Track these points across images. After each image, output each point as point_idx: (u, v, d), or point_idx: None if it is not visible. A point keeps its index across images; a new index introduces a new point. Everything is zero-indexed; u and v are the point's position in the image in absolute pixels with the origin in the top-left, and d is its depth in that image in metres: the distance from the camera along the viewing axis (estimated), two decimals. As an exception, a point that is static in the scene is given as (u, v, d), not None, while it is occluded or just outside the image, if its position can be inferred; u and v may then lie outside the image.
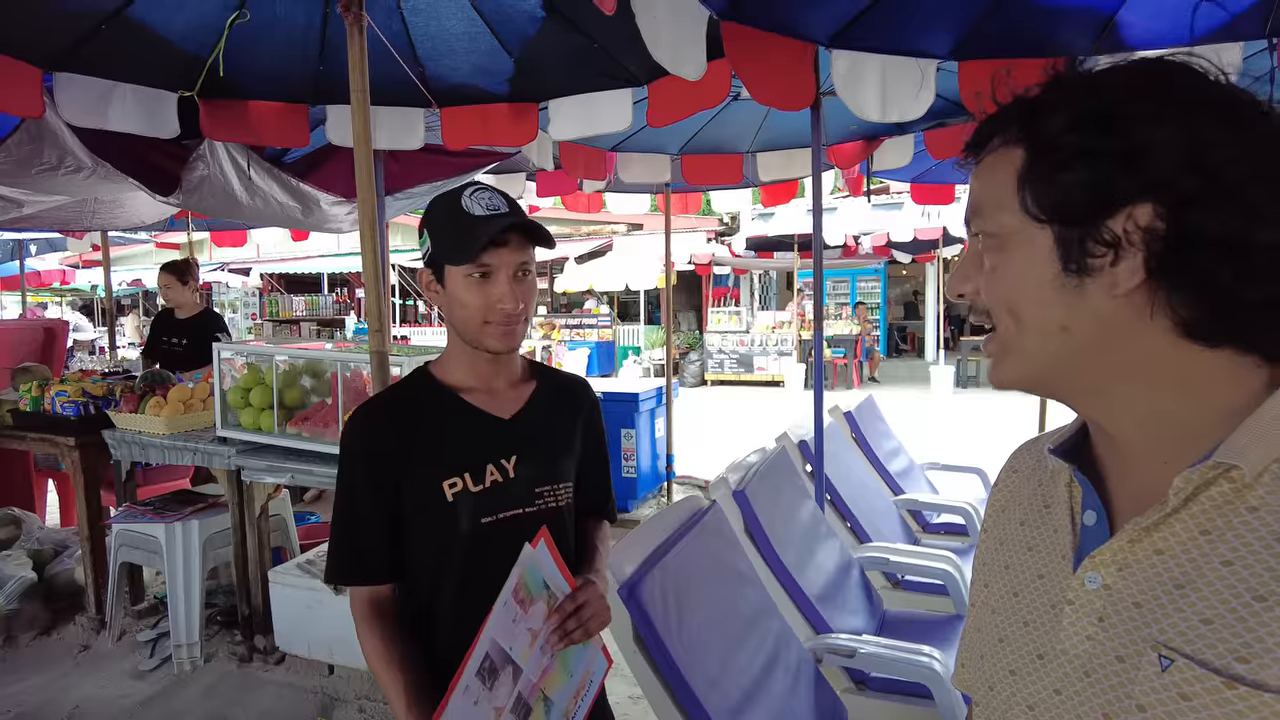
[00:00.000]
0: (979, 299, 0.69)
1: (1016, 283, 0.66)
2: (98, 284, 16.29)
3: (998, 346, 0.69)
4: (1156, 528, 0.63)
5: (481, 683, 1.14)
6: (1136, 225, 0.60)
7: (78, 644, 3.73)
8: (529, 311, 1.33)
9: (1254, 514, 0.59)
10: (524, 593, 1.20)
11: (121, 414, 3.68)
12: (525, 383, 1.45)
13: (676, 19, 2.09)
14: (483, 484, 1.32)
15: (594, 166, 4.66)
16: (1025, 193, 0.64)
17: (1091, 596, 0.66)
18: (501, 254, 1.27)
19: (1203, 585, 0.60)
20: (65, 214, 4.94)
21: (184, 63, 2.96)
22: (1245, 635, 0.57)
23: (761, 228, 14.24)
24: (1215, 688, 0.56)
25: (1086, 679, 0.65)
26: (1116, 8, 2.50)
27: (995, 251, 0.67)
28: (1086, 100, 0.62)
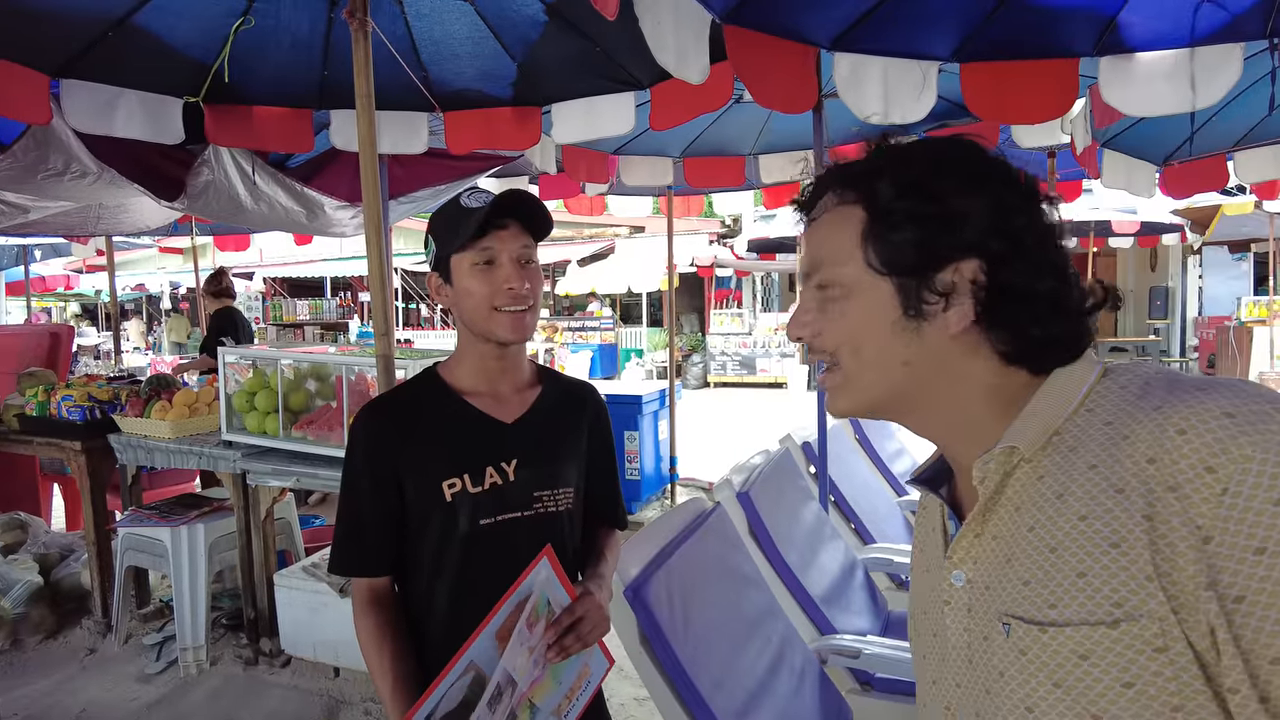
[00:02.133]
0: (817, 341, 0.77)
1: (861, 326, 0.74)
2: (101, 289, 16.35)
3: (839, 380, 0.77)
4: (987, 518, 0.72)
5: (489, 710, 1.15)
6: (963, 278, 0.71)
7: (84, 647, 3.75)
8: (536, 299, 1.34)
9: (1041, 481, 0.69)
10: (534, 616, 1.21)
11: (127, 418, 3.70)
12: (531, 387, 1.46)
13: (679, 23, 2.10)
14: (481, 486, 1.33)
15: (596, 169, 4.67)
16: (868, 248, 0.73)
17: (960, 592, 0.74)
18: (502, 236, 1.29)
19: (1020, 554, 0.68)
20: (70, 219, 4.96)
21: (189, 69, 2.97)
22: (1050, 585, 0.65)
23: (764, 230, 14.22)
24: (1037, 636, 0.65)
25: (970, 666, 0.73)
26: (1118, 9, 2.50)
27: (840, 300, 0.75)
28: (906, 172, 0.73)
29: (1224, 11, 2.33)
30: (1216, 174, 4.49)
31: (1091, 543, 0.63)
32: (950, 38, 2.74)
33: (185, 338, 16.29)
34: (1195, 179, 4.54)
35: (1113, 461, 0.63)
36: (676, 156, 5.05)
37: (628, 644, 1.79)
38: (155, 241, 8.98)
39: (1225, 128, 4.01)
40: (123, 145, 3.18)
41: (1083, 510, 0.64)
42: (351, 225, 4.45)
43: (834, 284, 0.75)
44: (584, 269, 15.92)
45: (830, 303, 0.75)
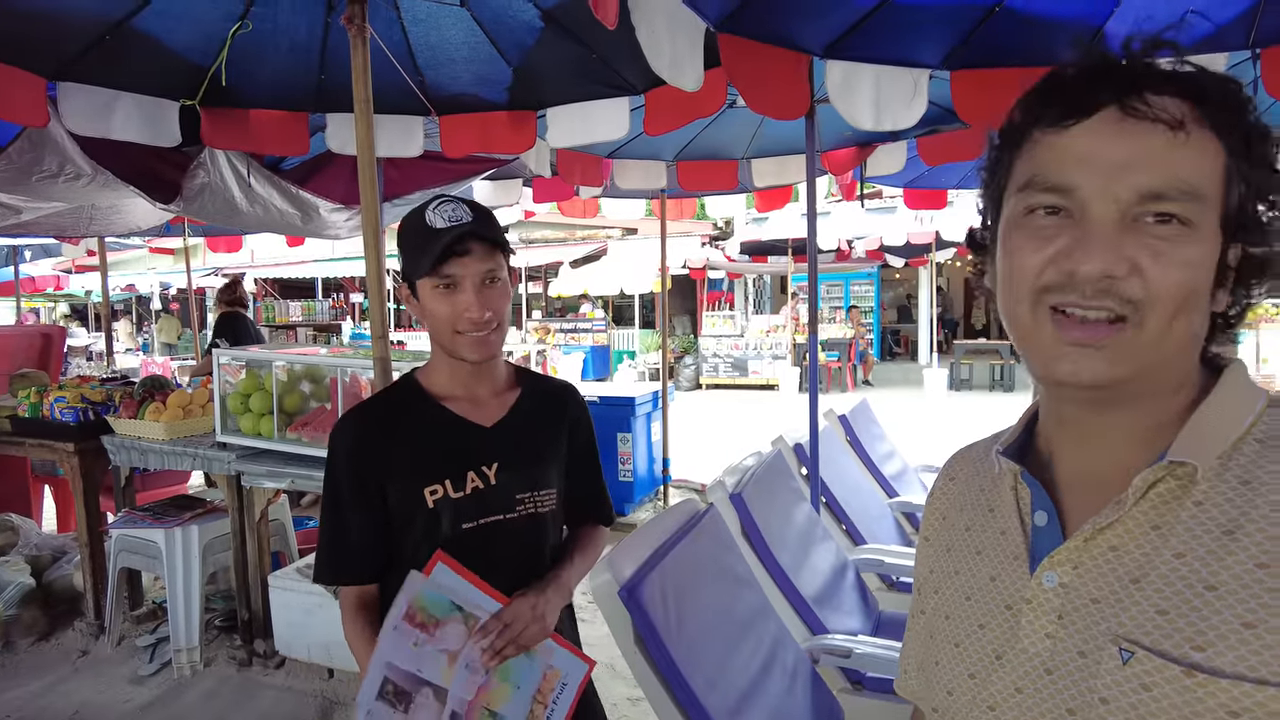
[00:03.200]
0: (1130, 283, 0.61)
1: (1201, 281, 0.62)
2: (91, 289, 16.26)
3: (1122, 340, 0.62)
4: (1109, 527, 0.65)
5: (391, 707, 1.18)
6: (1240, 254, 0.65)
7: (76, 649, 3.74)
8: (500, 319, 1.34)
9: (1199, 508, 0.62)
10: (422, 616, 1.23)
11: (121, 420, 3.70)
12: (509, 390, 1.47)
13: (675, 31, 2.13)
14: (463, 491, 1.35)
15: (590, 173, 4.69)
16: (1229, 200, 0.62)
17: (1050, 595, 0.67)
18: (465, 263, 1.29)
19: (1156, 578, 0.62)
20: (62, 220, 4.95)
21: (186, 72, 2.98)
22: (1200, 624, 0.59)
23: (755, 232, 14.31)
24: (1175, 677, 0.58)
25: (1048, 676, 0.66)
26: (1105, 18, 2.55)
27: (1185, 244, 0.61)
28: (1264, 126, 0.63)
29: (1208, 22, 2.38)
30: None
31: (1271, 595, 0.57)
32: (940, 46, 2.78)
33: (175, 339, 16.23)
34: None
35: None
36: (670, 160, 5.08)
37: (622, 644, 1.81)
38: (145, 242, 8.96)
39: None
40: (118, 147, 3.19)
41: (1261, 557, 0.58)
42: (346, 227, 4.46)
43: (1190, 222, 0.61)
44: (576, 271, 15.94)
45: (1171, 242, 0.60)
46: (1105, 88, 0.62)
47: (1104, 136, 0.62)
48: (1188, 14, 2.33)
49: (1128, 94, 0.61)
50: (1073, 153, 0.63)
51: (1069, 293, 0.62)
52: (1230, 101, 0.62)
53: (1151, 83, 0.62)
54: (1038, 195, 0.65)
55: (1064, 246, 0.63)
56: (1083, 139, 0.62)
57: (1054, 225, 0.64)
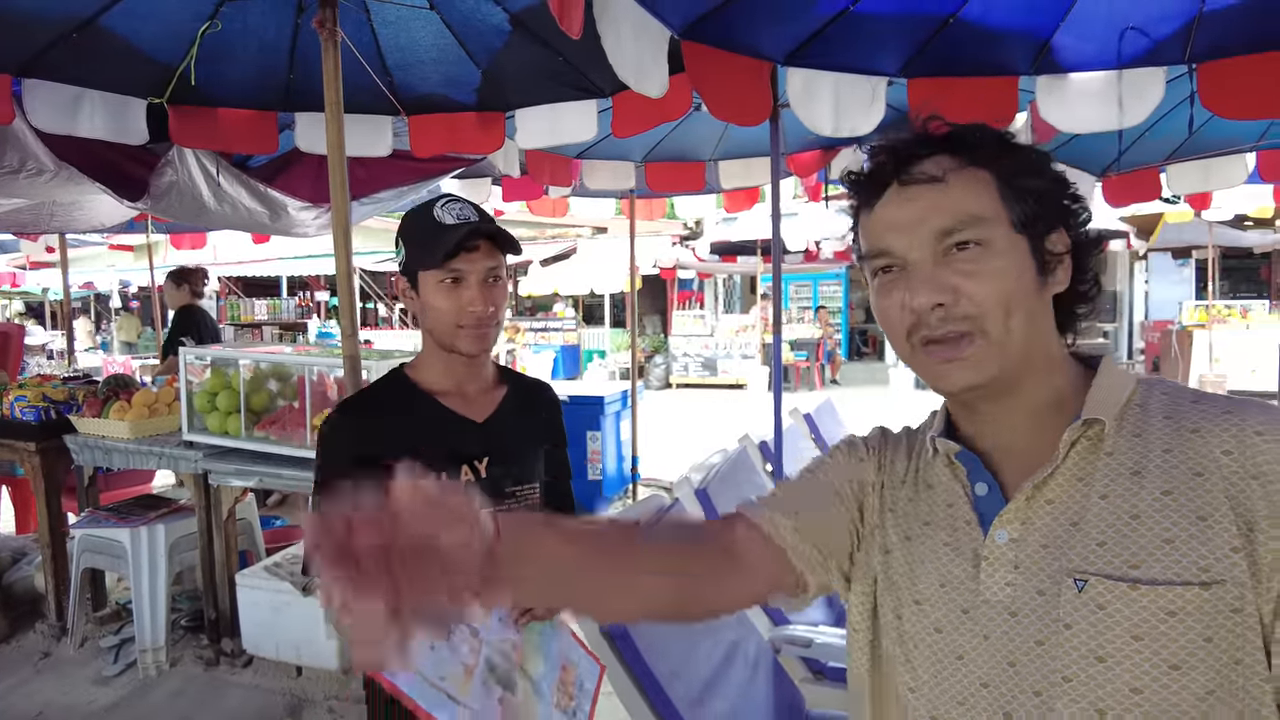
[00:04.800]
0: (959, 306, 0.77)
1: (1015, 284, 0.77)
2: (48, 286, 15.89)
3: (980, 348, 0.77)
4: (1044, 484, 0.79)
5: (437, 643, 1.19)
6: (1062, 243, 0.81)
7: (38, 651, 3.70)
8: (499, 315, 1.40)
9: (1111, 457, 0.78)
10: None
11: (84, 419, 3.66)
12: (496, 387, 1.52)
13: (639, 39, 2.19)
14: None
15: (559, 173, 4.73)
16: (1008, 207, 0.78)
17: (1004, 549, 0.80)
18: (471, 259, 1.34)
19: (1091, 518, 0.76)
20: (22, 216, 4.87)
21: (154, 70, 2.97)
22: (1132, 547, 0.73)
23: (725, 232, 14.38)
24: (1123, 592, 0.72)
25: (1013, 619, 0.78)
26: (1051, 32, 2.65)
27: (988, 259, 0.77)
28: (1014, 143, 0.82)
29: (1146, 38, 2.49)
30: (1151, 185, 4.72)
31: (1178, 513, 0.72)
32: (898, 55, 2.87)
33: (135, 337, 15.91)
34: (1132, 190, 4.77)
35: (1186, 449, 0.74)
36: (638, 161, 5.13)
37: (589, 636, 1.86)
38: (105, 239, 8.79)
39: (1156, 143, 4.23)
40: (84, 144, 3.16)
41: (1165, 486, 0.73)
42: (314, 226, 4.45)
43: (984, 242, 0.77)
44: (546, 269, 15.91)
45: (975, 262, 0.77)
46: (886, 173, 0.82)
47: (895, 205, 0.81)
48: (1127, 30, 2.44)
49: (901, 172, 0.80)
50: (882, 223, 0.82)
51: (922, 329, 0.79)
52: (982, 140, 0.81)
53: (918, 155, 0.80)
54: (873, 261, 0.84)
55: (902, 294, 0.80)
56: (883, 212, 0.82)
57: (892, 280, 0.82)
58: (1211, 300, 11.52)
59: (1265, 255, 13.53)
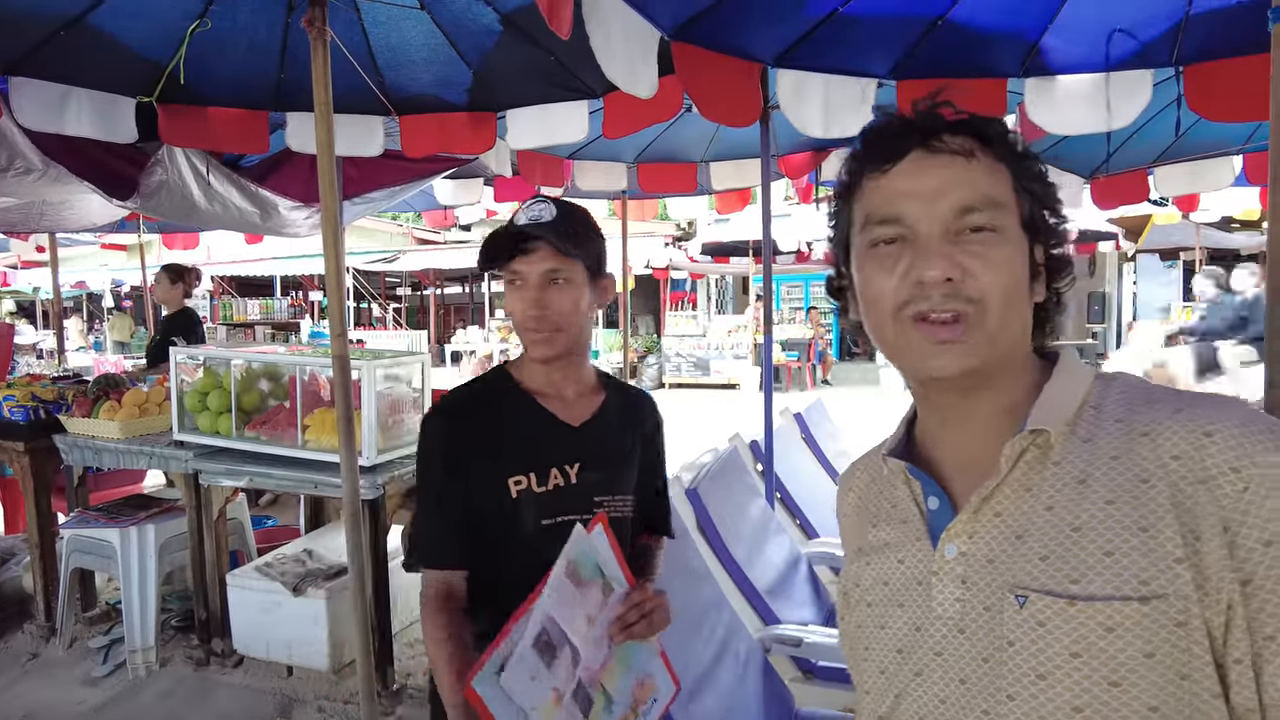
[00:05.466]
0: (965, 284, 0.74)
1: (1018, 276, 0.76)
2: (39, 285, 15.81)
3: (975, 332, 0.75)
4: (992, 495, 0.77)
5: (539, 656, 1.16)
6: (1044, 253, 0.80)
7: (26, 652, 3.68)
8: (560, 320, 1.34)
9: (1058, 466, 0.75)
10: (577, 573, 1.22)
11: (74, 418, 3.65)
12: (595, 393, 1.48)
13: (629, 40, 2.19)
14: (546, 486, 1.36)
15: (551, 174, 4.73)
16: (1024, 209, 0.77)
17: (952, 564, 0.78)
18: (529, 260, 1.32)
19: (1035, 531, 0.74)
20: (11, 215, 4.86)
21: (144, 69, 2.96)
22: (1072, 561, 0.71)
23: (718, 233, 14.39)
24: (1061, 609, 0.69)
25: (961, 635, 0.76)
26: (1040, 34, 2.67)
27: (999, 246, 0.75)
28: (1025, 149, 0.80)
29: (1134, 40, 2.51)
30: (1139, 187, 4.76)
31: (1120, 525, 0.69)
32: (887, 57, 2.89)
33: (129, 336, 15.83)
34: (1120, 192, 4.80)
35: (1134, 454, 0.71)
36: (630, 162, 5.14)
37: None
38: (97, 238, 8.76)
39: (1144, 146, 4.26)
40: (73, 143, 3.15)
41: (1109, 496, 0.70)
42: (306, 226, 4.44)
43: (999, 229, 0.75)
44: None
45: (987, 247, 0.75)
46: (911, 135, 0.78)
47: (917, 172, 0.77)
48: (1115, 32, 2.46)
49: (928, 137, 0.77)
50: (896, 189, 0.77)
51: (922, 302, 0.75)
52: (1003, 136, 0.78)
53: (945, 127, 0.77)
54: (876, 229, 0.79)
55: (908, 264, 0.76)
56: (900, 177, 0.77)
57: (895, 250, 0.78)
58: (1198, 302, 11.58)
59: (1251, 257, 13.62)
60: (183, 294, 5.16)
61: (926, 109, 0.79)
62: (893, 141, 0.78)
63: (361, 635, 2.45)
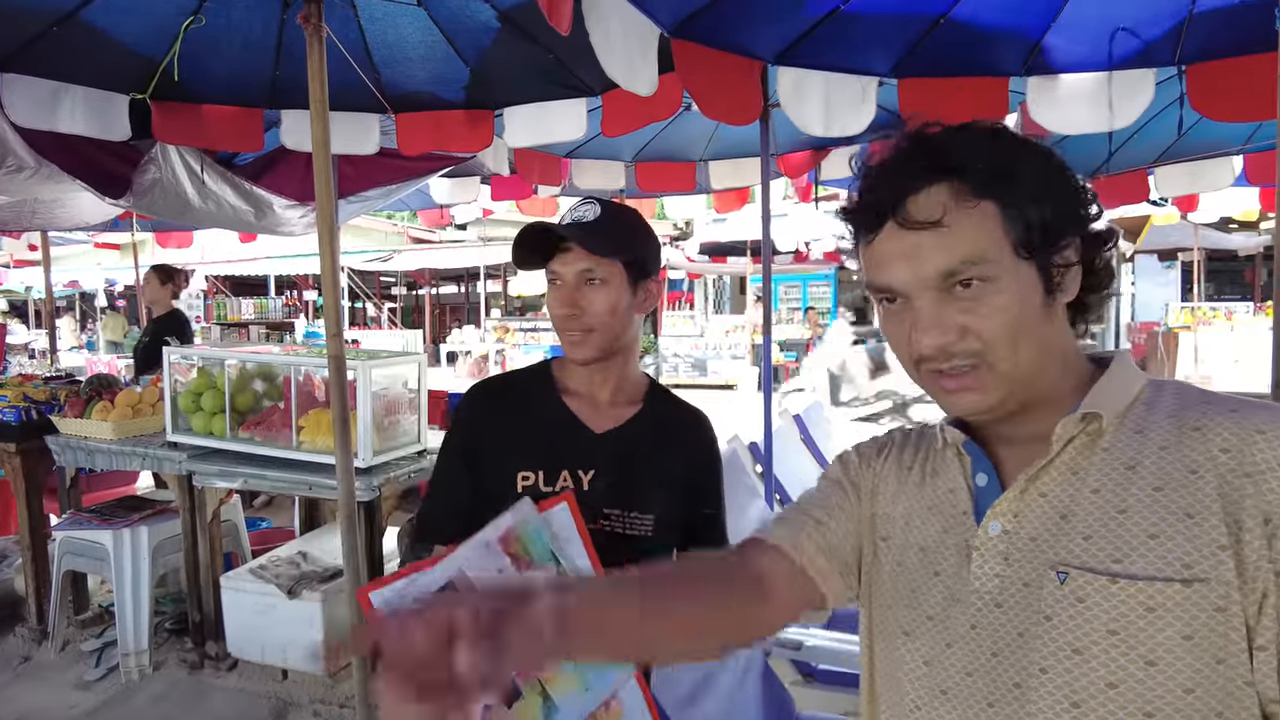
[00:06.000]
0: (964, 343, 0.76)
1: (1020, 315, 0.76)
2: (32, 285, 15.73)
3: (985, 377, 0.77)
4: (1039, 476, 0.79)
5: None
6: (1074, 252, 0.79)
7: (18, 655, 3.65)
8: (595, 322, 1.31)
9: (1106, 452, 0.78)
10: (518, 547, 1.14)
11: (66, 419, 3.61)
12: (632, 404, 1.42)
13: (628, 36, 2.17)
14: (553, 487, 1.32)
15: (549, 172, 4.71)
16: (1011, 235, 0.76)
17: (995, 540, 0.80)
18: (564, 260, 1.32)
19: (1080, 512, 0.76)
20: (4, 213, 4.80)
21: (137, 65, 2.93)
22: (1116, 541, 0.73)
23: (715, 233, 14.38)
24: (1102, 585, 0.72)
25: (998, 610, 0.79)
26: (1042, 33, 2.65)
27: (992, 294, 0.75)
28: (1026, 158, 0.78)
29: (1137, 39, 2.49)
30: (1139, 188, 4.75)
31: (1167, 510, 0.72)
32: (888, 55, 2.87)
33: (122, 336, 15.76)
34: (1120, 192, 4.79)
35: (1184, 447, 0.74)
36: (628, 161, 5.11)
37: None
38: (90, 237, 8.71)
39: (1145, 145, 4.25)
40: (65, 140, 3.12)
41: (1156, 483, 0.73)
42: (301, 225, 4.41)
43: (988, 278, 0.75)
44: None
45: (979, 300, 0.75)
46: (882, 208, 0.79)
47: (894, 244, 0.79)
48: (1118, 30, 2.44)
49: (896, 210, 0.77)
50: (881, 259, 0.80)
51: (929, 362, 0.79)
52: (980, 160, 0.76)
53: (913, 187, 0.77)
54: (877, 297, 0.83)
55: (909, 328, 0.79)
56: (882, 248, 0.80)
57: (898, 310, 0.81)
58: (1197, 302, 11.61)
59: (1249, 258, 13.65)
60: (171, 295, 5.12)
61: (909, 134, 0.80)
62: (868, 215, 0.81)
63: (357, 639, 2.41)
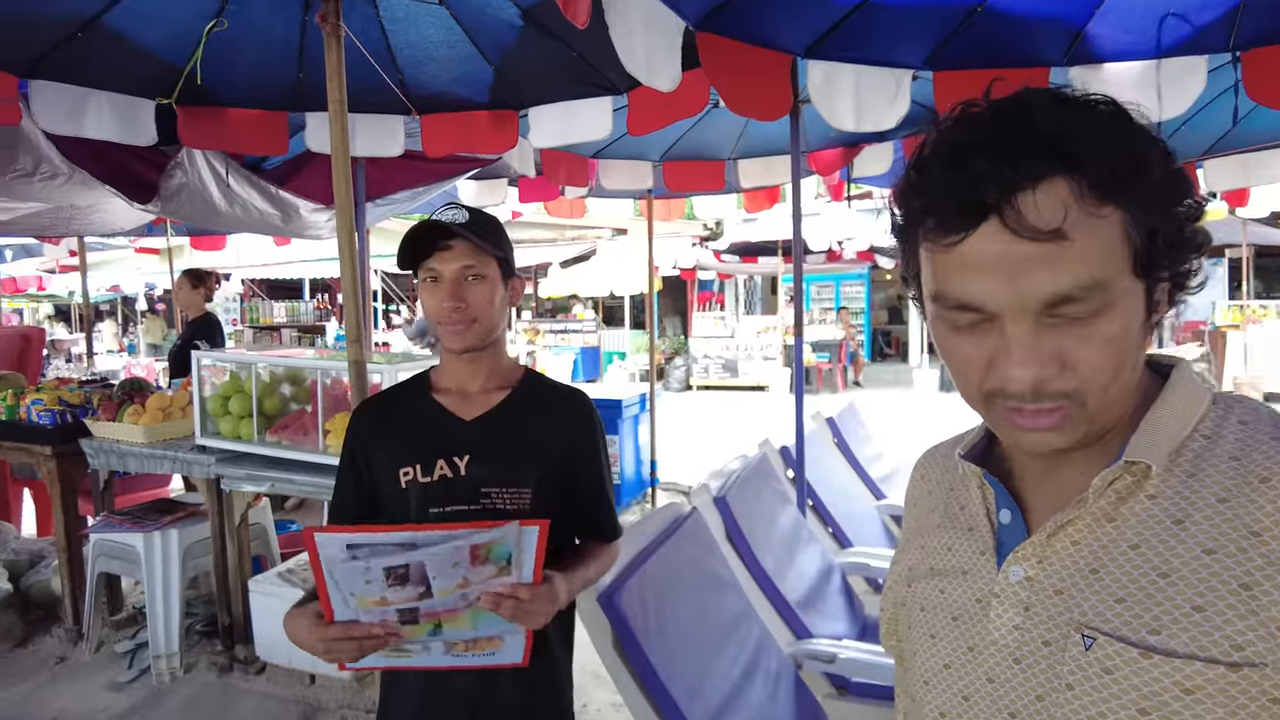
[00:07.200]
0: (1062, 379, 0.62)
1: (1127, 342, 0.63)
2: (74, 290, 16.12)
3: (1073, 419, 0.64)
4: (1070, 523, 0.68)
5: (384, 577, 1.16)
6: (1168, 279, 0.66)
7: (54, 655, 3.70)
8: (477, 314, 1.42)
9: (1152, 501, 0.66)
10: (483, 552, 1.21)
11: (99, 422, 3.65)
12: (502, 389, 1.52)
13: (650, 30, 2.11)
14: (431, 477, 1.43)
15: (576, 173, 4.67)
16: (1133, 251, 0.62)
17: (1016, 589, 0.71)
18: (444, 258, 1.39)
19: (1114, 568, 0.66)
20: (42, 220, 4.91)
21: (162, 70, 2.95)
22: (1154, 609, 0.63)
23: (746, 232, 14.28)
24: (1133, 659, 0.62)
25: (1017, 666, 0.69)
26: (1086, 20, 2.54)
27: (1100, 325, 0.61)
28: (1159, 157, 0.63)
29: (1188, 25, 2.37)
30: (1187, 181, 4.57)
31: (1217, 579, 0.61)
32: (923, 46, 2.77)
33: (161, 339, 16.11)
34: (1167, 186, 4.61)
35: (1247, 501, 0.62)
36: (656, 160, 5.07)
37: (601, 649, 1.79)
38: (130, 242, 8.89)
39: (1194, 137, 4.09)
40: (94, 146, 3.16)
41: (1208, 544, 0.62)
42: (328, 228, 4.42)
43: (1103, 307, 0.61)
44: (566, 271, 15.89)
45: (1088, 328, 0.61)
46: (981, 201, 0.60)
47: (991, 251, 0.61)
48: (1167, 16, 2.32)
49: (1005, 204, 0.59)
50: (969, 266, 0.62)
51: (1010, 398, 0.64)
52: (1108, 146, 0.60)
53: (1025, 176, 0.59)
54: (950, 313, 0.65)
55: (992, 355, 0.64)
56: (973, 252, 0.62)
57: (976, 329, 0.65)
58: (1245, 300, 11.24)
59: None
60: (204, 298, 5.17)
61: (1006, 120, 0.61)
62: (956, 207, 0.61)
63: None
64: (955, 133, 0.64)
